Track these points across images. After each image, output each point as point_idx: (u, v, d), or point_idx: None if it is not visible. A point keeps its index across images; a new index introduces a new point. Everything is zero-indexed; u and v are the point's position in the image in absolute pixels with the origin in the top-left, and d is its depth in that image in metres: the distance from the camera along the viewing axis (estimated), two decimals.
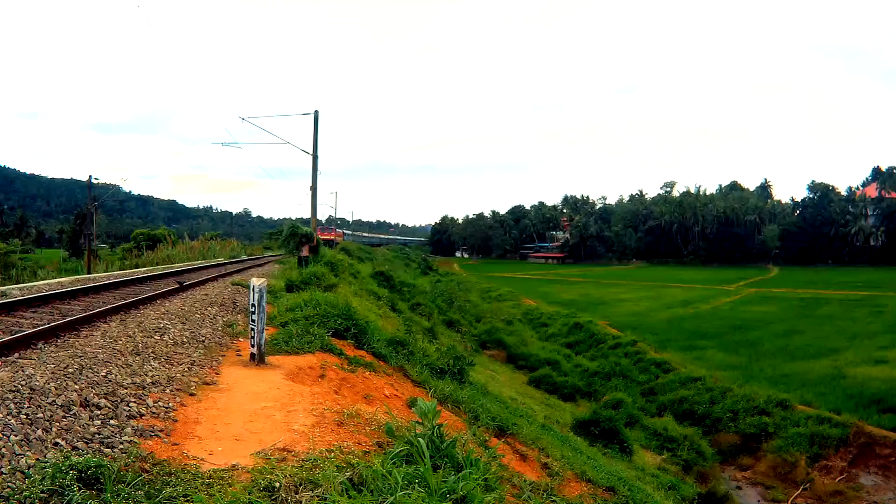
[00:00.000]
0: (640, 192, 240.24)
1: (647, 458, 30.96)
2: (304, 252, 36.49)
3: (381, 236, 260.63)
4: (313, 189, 46.34)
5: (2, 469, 6.48)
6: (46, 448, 7.22)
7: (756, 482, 33.62)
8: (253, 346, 13.52)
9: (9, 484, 6.19)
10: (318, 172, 46.12)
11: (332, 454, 7.55)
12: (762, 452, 35.59)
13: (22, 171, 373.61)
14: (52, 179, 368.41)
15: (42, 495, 5.93)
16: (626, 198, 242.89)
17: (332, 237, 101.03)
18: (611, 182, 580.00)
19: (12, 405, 8.16)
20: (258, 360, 13.40)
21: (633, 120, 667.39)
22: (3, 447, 6.95)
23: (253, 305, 13.56)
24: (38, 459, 6.83)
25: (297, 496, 6.31)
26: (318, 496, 6.29)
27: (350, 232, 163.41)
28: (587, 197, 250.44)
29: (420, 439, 7.37)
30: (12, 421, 7.68)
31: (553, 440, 18.52)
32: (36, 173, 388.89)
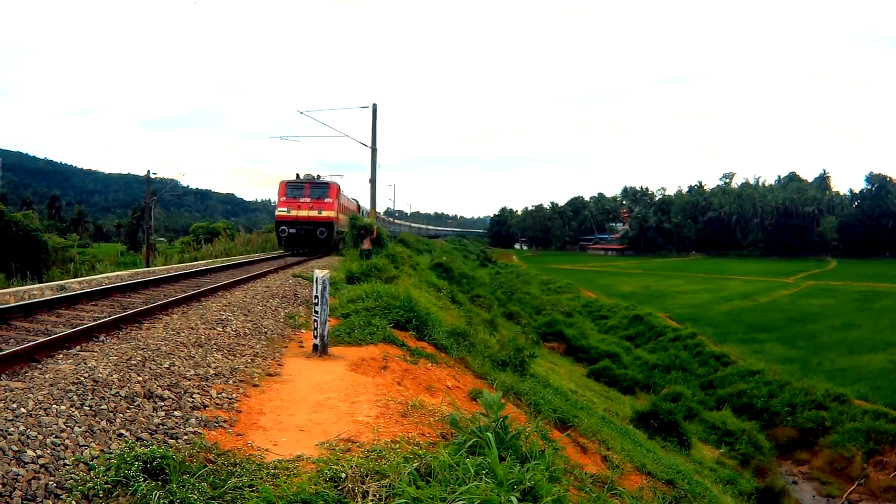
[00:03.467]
0: (700, 183, 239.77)
1: (706, 452, 31.05)
2: (366, 245, 36.89)
3: (440, 228, 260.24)
4: (372, 181, 46.89)
5: (65, 460, 6.45)
6: (110, 439, 7.20)
7: (812, 477, 33.61)
8: (316, 337, 13.46)
9: (72, 475, 6.16)
10: (377, 165, 46.45)
11: (397, 445, 7.49)
12: (819, 447, 35.75)
13: (78, 166, 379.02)
14: (109, 175, 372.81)
15: (106, 486, 5.92)
16: (686, 189, 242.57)
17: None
18: (670, 172, 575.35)
19: (75, 397, 8.15)
20: (321, 351, 13.33)
21: (689, 109, 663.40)
22: (67, 439, 6.92)
23: (316, 297, 13.51)
24: (101, 451, 6.81)
25: (363, 486, 6.23)
26: (384, 486, 6.20)
27: (408, 223, 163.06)
28: (646, 188, 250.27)
29: (487, 431, 7.27)
30: (76, 412, 7.65)
31: (613, 433, 18.39)
32: (93, 169, 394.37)
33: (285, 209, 43.97)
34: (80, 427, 7.27)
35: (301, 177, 45.35)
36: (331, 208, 44.12)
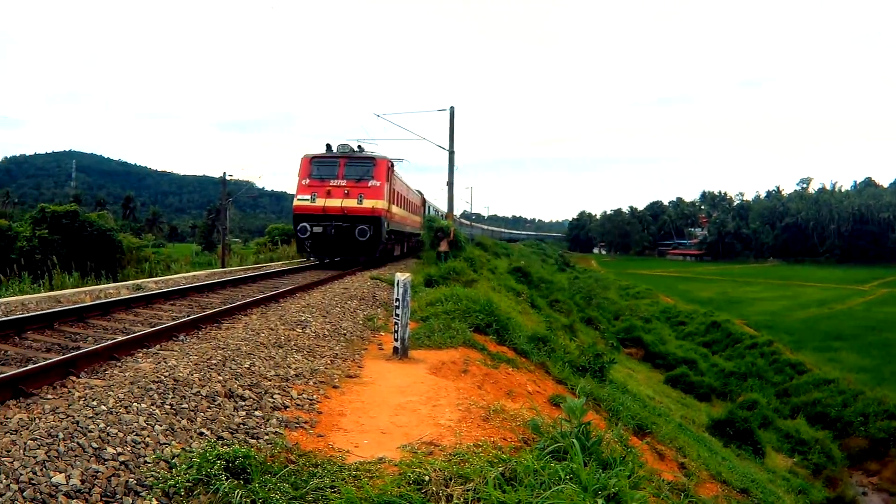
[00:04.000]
0: (777, 188, 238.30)
1: (779, 461, 30.96)
2: (443, 247, 36.05)
3: (518, 232, 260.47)
4: (450, 184, 46.13)
5: (146, 458, 6.45)
6: (191, 438, 7.20)
7: (882, 488, 33.70)
8: (396, 339, 13.37)
9: (152, 473, 6.16)
10: (455, 168, 45.89)
11: (480, 449, 7.38)
12: (890, 458, 35.67)
13: (153, 168, 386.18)
14: (184, 176, 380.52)
15: (187, 484, 5.92)
16: (763, 194, 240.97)
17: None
18: (748, 176, 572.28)
19: (156, 395, 8.18)
20: (401, 354, 13.23)
21: (765, 113, 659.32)
22: (148, 436, 6.93)
23: (397, 300, 13.44)
24: (182, 449, 6.81)
25: (447, 490, 6.14)
26: (469, 490, 6.11)
27: (486, 226, 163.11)
28: (724, 193, 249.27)
29: (572, 437, 7.18)
30: (156, 411, 7.67)
31: (689, 440, 18.54)
32: (168, 170, 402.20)
33: (308, 197, 31.78)
34: (160, 425, 7.28)
35: (334, 149, 33.03)
36: (377, 195, 31.92)
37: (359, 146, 33.79)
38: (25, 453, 6.04)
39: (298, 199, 32.18)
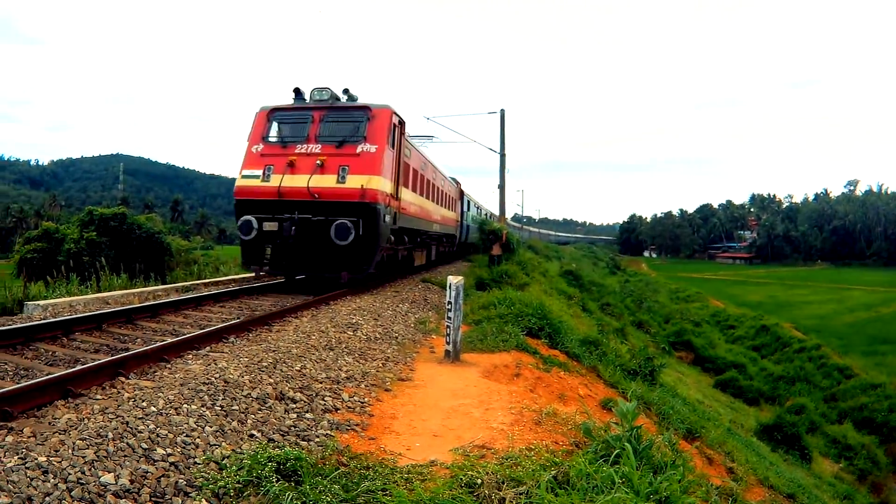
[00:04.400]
0: (825, 190, 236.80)
1: (825, 466, 30.78)
2: (495, 251, 35.25)
3: (568, 235, 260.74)
4: (501, 187, 45.97)
5: (196, 459, 6.44)
6: (242, 439, 7.19)
7: None
8: (448, 343, 13.29)
9: (202, 474, 6.15)
10: (506, 170, 45.67)
11: (532, 452, 7.30)
12: None
13: (202, 171, 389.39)
14: (233, 179, 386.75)
15: (237, 486, 5.91)
16: (811, 196, 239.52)
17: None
18: (796, 178, 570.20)
19: (206, 397, 8.18)
20: (453, 357, 13.15)
21: (814, 115, 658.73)
22: (198, 438, 6.93)
23: (449, 303, 13.35)
24: (233, 450, 6.80)
25: (500, 493, 6.07)
26: (521, 493, 6.06)
27: (537, 229, 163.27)
28: (773, 195, 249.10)
29: (624, 441, 7.14)
30: (206, 412, 7.67)
31: (738, 444, 18.48)
32: (216, 174, 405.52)
33: (256, 173, 21.25)
34: (210, 427, 7.27)
35: (307, 97, 22.35)
36: (372, 166, 20.81)
37: (345, 90, 22.41)
38: (74, 453, 6.03)
39: (243, 177, 21.50)
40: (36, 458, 5.81)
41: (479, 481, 6.25)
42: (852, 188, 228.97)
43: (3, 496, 5.12)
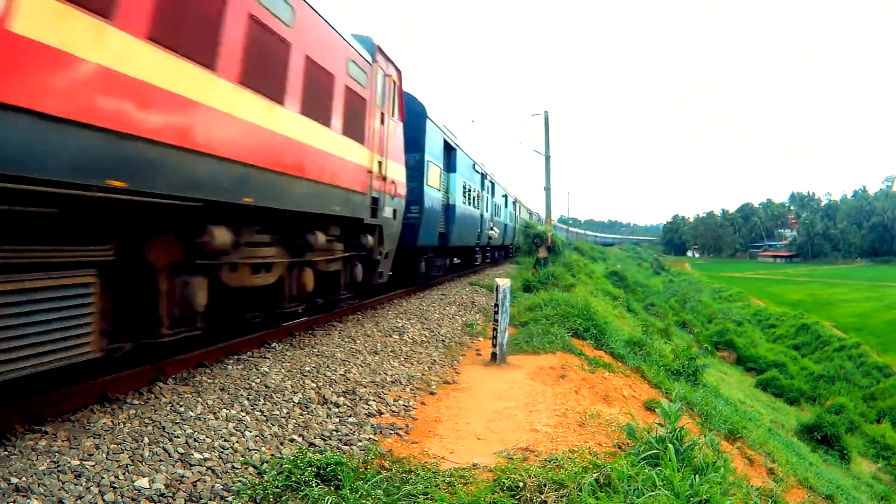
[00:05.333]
0: (864, 187, 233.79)
1: (864, 466, 30.67)
2: (541, 253, 34.90)
3: (613, 236, 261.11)
4: (547, 189, 45.74)
5: (233, 463, 6.43)
6: (282, 444, 7.17)
7: None
8: (494, 345, 13.26)
9: (240, 478, 6.13)
10: (550, 172, 45.47)
11: (575, 454, 7.29)
12: None
13: None
14: None
15: (276, 490, 5.87)
16: (850, 194, 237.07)
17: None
18: (835, 175, 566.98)
19: (246, 402, 8.19)
20: (499, 359, 13.10)
21: (851, 111, 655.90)
22: (237, 442, 6.90)
23: (496, 306, 13.35)
24: (272, 455, 6.77)
25: (541, 496, 6.05)
26: (563, 497, 6.05)
27: (582, 231, 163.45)
28: (813, 193, 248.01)
29: (668, 443, 7.21)
30: (246, 417, 7.67)
31: (778, 445, 18.41)
32: None
33: None
34: (250, 431, 7.25)
35: None
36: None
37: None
38: (108, 457, 6.02)
39: None
40: (69, 462, 5.78)
41: (521, 484, 6.23)
42: (890, 184, 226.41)
43: (35, 499, 5.07)
